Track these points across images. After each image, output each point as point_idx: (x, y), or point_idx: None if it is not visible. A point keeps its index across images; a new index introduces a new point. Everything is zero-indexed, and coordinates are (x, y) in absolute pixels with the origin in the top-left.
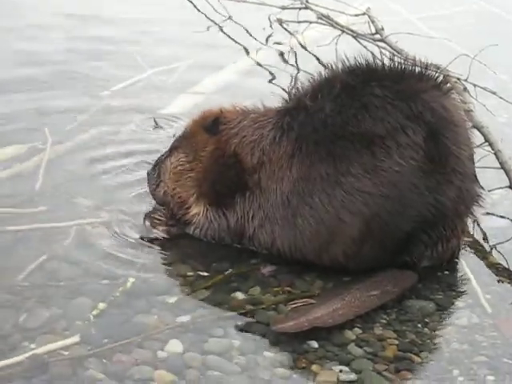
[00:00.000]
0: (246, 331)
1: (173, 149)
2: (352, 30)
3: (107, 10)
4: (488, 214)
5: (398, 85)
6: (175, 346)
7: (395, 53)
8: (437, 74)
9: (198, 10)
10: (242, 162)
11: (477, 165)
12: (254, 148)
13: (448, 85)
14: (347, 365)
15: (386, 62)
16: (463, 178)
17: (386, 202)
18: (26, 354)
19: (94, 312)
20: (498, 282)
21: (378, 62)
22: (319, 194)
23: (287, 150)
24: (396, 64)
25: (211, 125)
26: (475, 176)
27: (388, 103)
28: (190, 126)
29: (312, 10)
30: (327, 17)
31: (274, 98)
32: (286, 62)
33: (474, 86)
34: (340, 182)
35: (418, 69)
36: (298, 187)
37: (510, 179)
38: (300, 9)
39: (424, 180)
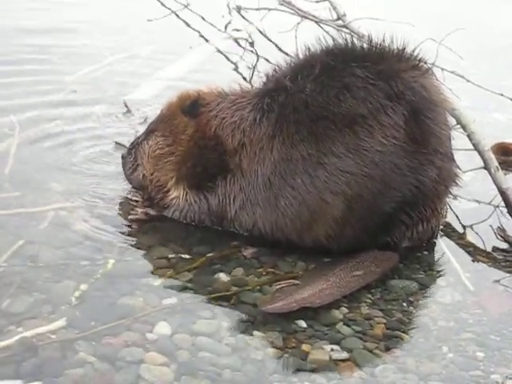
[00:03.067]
0: (234, 312)
1: (150, 132)
2: (314, 16)
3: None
4: (462, 195)
5: (378, 65)
6: (164, 327)
7: (359, 38)
8: (415, 55)
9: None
10: (223, 143)
11: None
12: (235, 130)
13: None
14: (337, 344)
15: (364, 43)
16: (443, 158)
17: (368, 182)
18: (15, 338)
19: (76, 294)
20: (477, 261)
21: (356, 42)
22: (301, 175)
23: (268, 131)
24: (374, 44)
25: (190, 107)
26: (453, 156)
27: (369, 83)
28: (167, 109)
29: None
30: (289, 3)
31: (235, 84)
32: (244, 49)
33: (442, 69)
34: (322, 162)
35: (396, 49)
36: (280, 168)
37: (484, 160)
38: None
39: (406, 160)
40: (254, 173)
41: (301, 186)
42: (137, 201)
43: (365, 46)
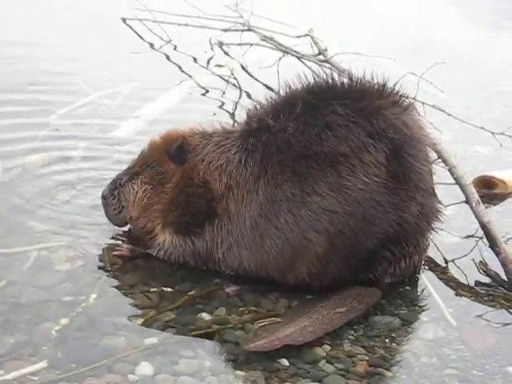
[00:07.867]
0: (216, 351)
1: (134, 174)
2: (295, 51)
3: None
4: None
5: (359, 102)
6: (145, 368)
7: (340, 73)
8: (396, 91)
9: (140, 37)
10: (212, 189)
11: None
12: (222, 173)
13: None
14: (320, 382)
15: (345, 80)
16: (425, 194)
17: (350, 219)
18: None
19: (58, 334)
20: (459, 295)
21: (337, 79)
22: (285, 215)
23: (253, 171)
24: (355, 81)
25: (177, 153)
26: (434, 191)
27: (350, 121)
28: (150, 150)
29: (255, 32)
30: (270, 38)
31: (217, 120)
32: (228, 83)
33: (423, 103)
34: (306, 201)
35: (376, 86)
36: (265, 209)
37: (465, 195)
38: (243, 31)
39: (388, 197)
40: (241, 216)
41: (284, 225)
42: (120, 239)
43: (345, 82)
